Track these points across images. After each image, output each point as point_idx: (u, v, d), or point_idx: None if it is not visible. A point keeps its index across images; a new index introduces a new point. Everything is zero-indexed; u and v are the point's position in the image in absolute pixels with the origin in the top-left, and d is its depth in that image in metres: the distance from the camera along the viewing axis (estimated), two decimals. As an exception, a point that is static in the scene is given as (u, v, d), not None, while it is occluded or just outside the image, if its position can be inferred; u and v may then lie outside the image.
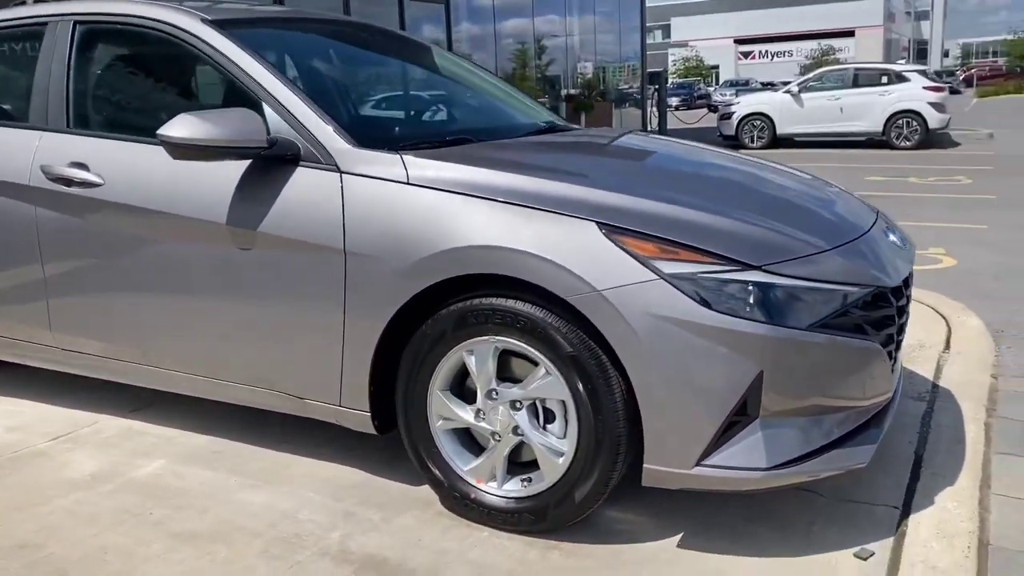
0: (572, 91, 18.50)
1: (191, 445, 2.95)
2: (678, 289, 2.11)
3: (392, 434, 2.58)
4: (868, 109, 16.48)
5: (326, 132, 2.54)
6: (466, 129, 3.03)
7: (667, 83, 26.32)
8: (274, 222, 2.53)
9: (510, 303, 2.27)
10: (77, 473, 2.75)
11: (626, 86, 21.30)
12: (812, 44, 56.97)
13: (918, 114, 16.16)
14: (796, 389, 2.18)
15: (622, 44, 19.75)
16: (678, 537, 2.38)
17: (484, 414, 2.39)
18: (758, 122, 17.37)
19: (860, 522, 2.45)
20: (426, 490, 2.62)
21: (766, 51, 62.24)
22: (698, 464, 2.16)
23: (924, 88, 16.40)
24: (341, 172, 2.49)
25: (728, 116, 17.80)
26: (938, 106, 16.25)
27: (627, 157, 3.12)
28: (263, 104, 2.62)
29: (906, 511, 2.50)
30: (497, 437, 2.39)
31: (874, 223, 2.63)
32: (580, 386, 2.22)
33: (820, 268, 2.23)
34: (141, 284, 2.80)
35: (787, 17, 60.43)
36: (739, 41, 62.34)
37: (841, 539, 2.36)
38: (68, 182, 2.87)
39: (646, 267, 2.14)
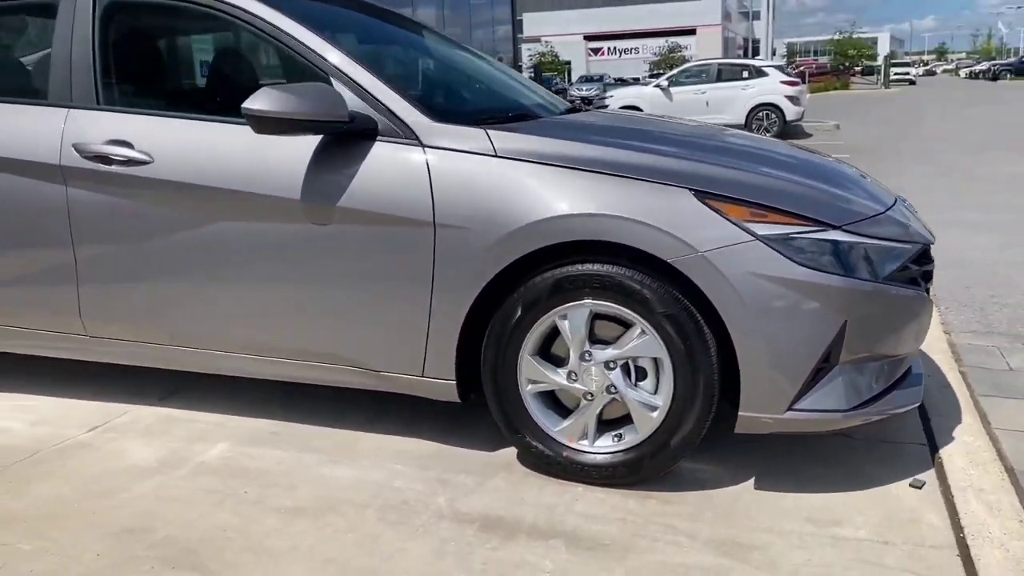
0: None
1: (246, 428, 2.91)
2: (772, 248, 2.31)
3: (462, 402, 2.65)
4: (731, 102, 17.44)
5: (405, 107, 2.58)
6: (518, 106, 3.12)
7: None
8: (354, 197, 2.55)
9: (607, 268, 2.40)
10: (139, 461, 2.67)
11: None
12: (658, 41, 59.22)
13: (776, 107, 17.25)
14: (871, 337, 2.42)
15: (495, 39, 19.98)
16: (751, 481, 2.58)
17: (576, 375, 2.51)
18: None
19: (899, 459, 2.73)
20: (502, 454, 2.72)
21: (615, 47, 64.22)
22: (789, 409, 2.37)
23: (781, 83, 17.52)
24: (424, 146, 2.54)
25: (602, 108, 18.36)
26: (794, 99, 17.42)
27: (662, 127, 3.27)
28: (331, 80, 2.63)
29: (933, 446, 2.80)
30: (589, 397, 2.52)
31: (896, 198, 2.93)
32: (677, 343, 2.37)
33: (885, 228, 2.49)
34: (196, 264, 2.74)
35: (634, 15, 62.56)
36: (588, 37, 64.02)
37: (891, 474, 2.63)
38: (107, 160, 2.76)
39: (741, 229, 2.32)
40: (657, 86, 18.18)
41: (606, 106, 18.14)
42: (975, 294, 4.67)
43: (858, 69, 69.53)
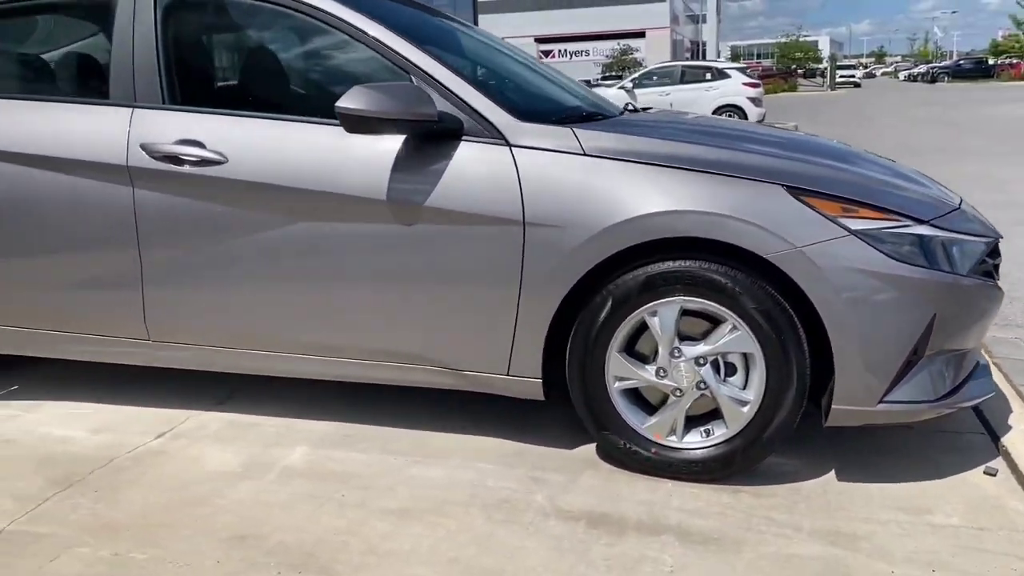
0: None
1: (316, 431, 2.87)
2: (866, 243, 2.36)
3: (544, 400, 2.66)
4: (695, 103, 17.65)
5: (491, 107, 2.58)
6: (586, 106, 3.13)
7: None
8: (441, 196, 2.54)
9: (699, 265, 2.43)
10: (221, 466, 2.61)
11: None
12: (609, 44, 59.68)
13: (739, 108, 17.56)
14: (956, 329, 2.49)
15: None
16: (832, 474, 2.63)
17: (665, 372, 2.53)
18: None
19: (965, 448, 2.81)
20: (581, 451, 2.74)
21: (565, 50, 64.53)
22: (881, 401, 2.42)
23: (743, 84, 17.87)
24: (511, 145, 2.54)
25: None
26: (755, 100, 17.77)
27: (752, 131, 3.29)
28: (413, 80, 2.61)
29: (993, 435, 2.88)
30: (678, 393, 2.54)
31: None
32: (771, 338, 2.41)
33: (963, 223, 2.56)
34: (271, 265, 2.70)
35: (584, 18, 62.96)
36: (540, 40, 64.24)
37: (962, 462, 2.70)
38: (178, 160, 2.70)
39: (836, 224, 2.36)
40: (622, 87, 18.34)
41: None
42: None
43: (800, 72, 70.91)
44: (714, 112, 17.32)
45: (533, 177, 2.51)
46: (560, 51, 64.73)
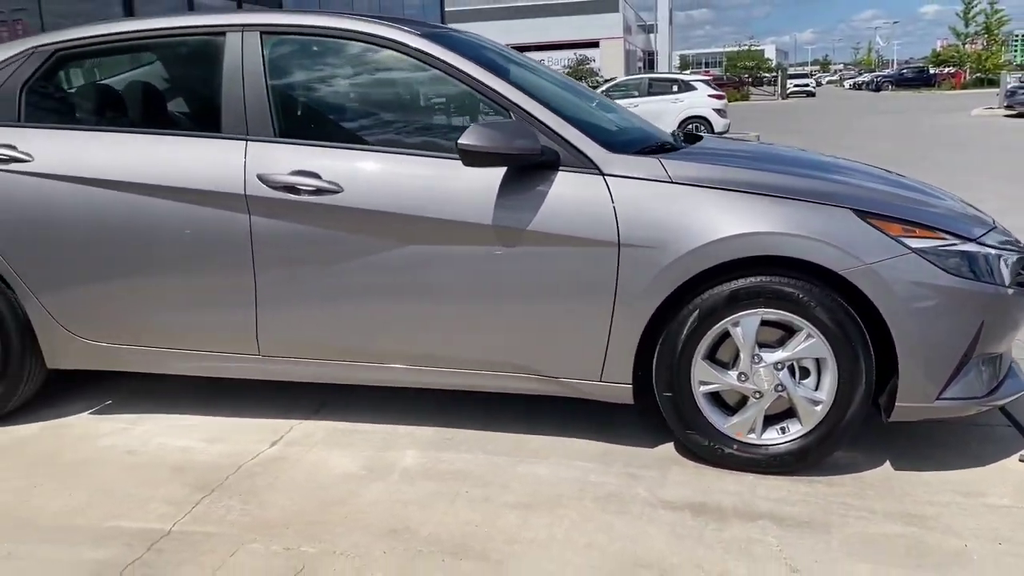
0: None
1: (419, 436, 3.11)
2: (925, 259, 2.69)
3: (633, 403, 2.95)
4: (663, 114, 18.11)
5: (584, 140, 2.87)
6: (658, 137, 3.43)
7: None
8: (542, 220, 2.81)
9: (778, 280, 2.74)
10: (346, 469, 2.85)
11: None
12: (565, 53, 60.29)
13: (705, 119, 18.07)
14: (999, 334, 2.83)
15: None
16: (887, 464, 2.95)
17: (746, 376, 2.84)
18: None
19: (997, 439, 3.15)
20: (661, 449, 3.03)
21: (521, 59, 64.97)
22: (938, 398, 2.76)
23: (709, 96, 18.40)
24: (604, 174, 2.83)
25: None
26: (721, 112, 18.30)
27: (810, 159, 3.59)
28: (512, 116, 2.89)
29: (1019, 428, 3.24)
30: (758, 395, 2.84)
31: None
32: (842, 345, 2.73)
33: (1002, 239, 2.91)
34: (381, 285, 2.94)
35: (540, 28, 63.60)
36: (495, 49, 64.59)
37: (998, 451, 3.04)
38: (295, 190, 2.94)
39: (898, 243, 2.70)
40: (592, 99, 18.72)
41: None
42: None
43: (749, 80, 72.30)
44: (680, 123, 17.82)
45: (626, 203, 2.79)
46: (516, 61, 65.38)
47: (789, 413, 2.87)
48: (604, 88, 19.75)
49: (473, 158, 2.72)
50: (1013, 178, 10.88)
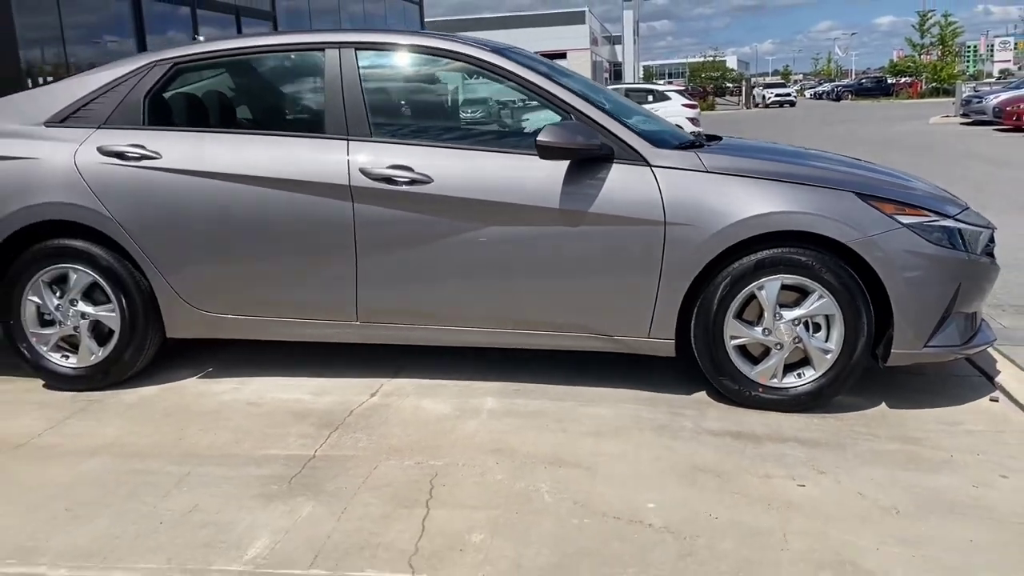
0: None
1: (492, 387, 3.69)
2: (914, 233, 3.33)
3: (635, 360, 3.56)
4: (639, 123, 18.87)
5: (634, 137, 3.48)
6: (685, 135, 4.05)
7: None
8: (601, 204, 3.41)
9: (796, 251, 3.36)
10: (440, 412, 3.42)
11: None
12: (532, 64, 61.05)
13: (679, 127, 18.80)
14: (972, 294, 3.48)
15: None
16: (883, 405, 3.58)
17: (770, 331, 3.45)
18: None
19: (970, 385, 3.80)
20: (697, 396, 3.63)
21: (490, 70, 65.70)
22: (925, 346, 3.40)
23: (682, 105, 19.16)
24: (651, 166, 3.44)
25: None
26: (694, 120, 19.03)
27: (800, 151, 4.24)
28: (570, 115, 3.49)
29: (988, 377, 3.89)
30: (779, 347, 3.46)
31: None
32: (848, 303, 3.36)
33: (974, 217, 3.57)
34: (465, 259, 3.52)
35: (510, 39, 64.00)
36: (464, 60, 65.28)
37: (972, 394, 3.69)
38: (392, 181, 3.51)
39: (892, 220, 3.33)
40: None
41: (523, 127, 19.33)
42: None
43: (712, 90, 73.64)
44: (657, 131, 18.57)
45: (671, 188, 3.40)
46: (485, 71, 66.26)
47: (803, 362, 3.49)
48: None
49: (549, 152, 3.31)
50: (974, 181, 11.75)
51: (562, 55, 65.50)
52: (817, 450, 3.08)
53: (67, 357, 3.86)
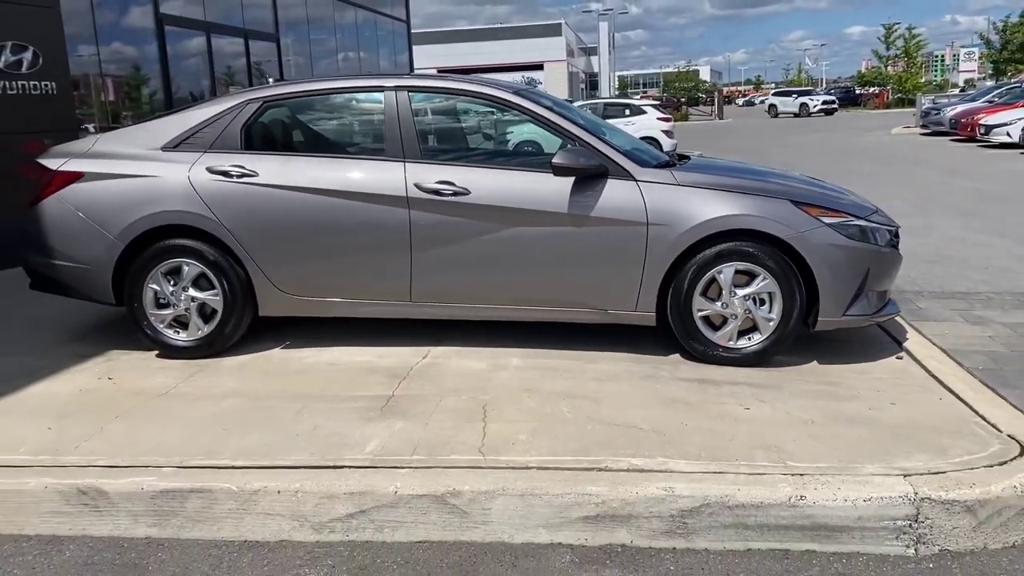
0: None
1: (515, 352, 4.77)
2: (833, 230, 4.47)
3: (626, 330, 4.67)
4: (617, 136, 20.07)
5: (624, 159, 4.60)
6: (661, 156, 5.18)
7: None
8: (599, 209, 4.52)
9: (747, 244, 4.49)
10: (477, 368, 4.50)
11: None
12: (512, 75, 62.29)
13: (654, 139, 20.01)
14: (880, 277, 4.63)
15: (397, 66, 22.05)
16: (815, 361, 4.70)
17: (727, 305, 4.58)
18: (529, 148, 20.38)
19: (883, 349, 4.94)
20: (672, 357, 4.73)
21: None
22: (843, 315, 4.54)
23: (657, 119, 20.42)
24: (637, 181, 4.56)
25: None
26: (668, 133, 20.31)
27: (750, 169, 5.40)
28: (575, 143, 4.61)
29: (897, 342, 5.05)
30: (735, 317, 4.59)
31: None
32: (784, 283, 4.49)
33: (880, 217, 4.73)
34: (496, 253, 4.61)
35: (487, 51, 65.53)
36: (443, 71, 66.34)
37: (882, 353, 4.83)
38: (439, 193, 4.60)
39: (817, 220, 4.47)
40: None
41: (507, 141, 20.54)
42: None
43: (685, 101, 75.24)
44: (634, 143, 19.77)
45: (651, 198, 4.52)
46: (464, 83, 67.58)
47: (753, 328, 4.62)
48: (563, 111, 21.61)
49: (561, 171, 4.43)
50: (923, 188, 13.03)
51: (539, 67, 66.89)
52: (760, 389, 4.20)
53: (178, 332, 4.90)
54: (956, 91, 57.22)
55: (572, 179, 4.55)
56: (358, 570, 2.91)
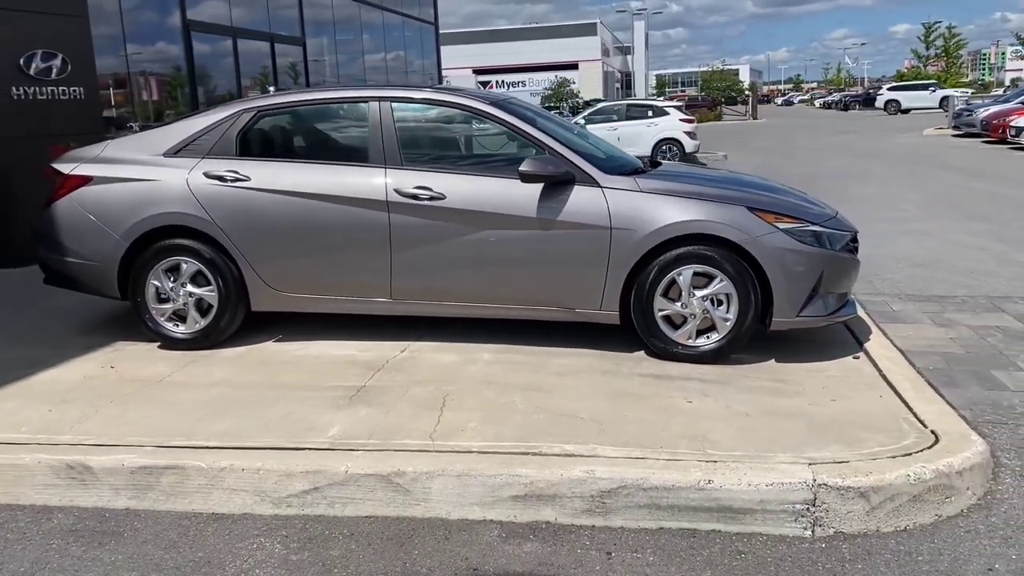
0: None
1: (488, 347, 5.08)
2: (787, 235, 4.71)
3: (599, 329, 4.94)
4: (639, 137, 20.30)
5: (591, 167, 4.88)
6: (632, 162, 5.46)
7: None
8: (566, 214, 4.80)
9: (704, 248, 4.74)
10: (448, 361, 4.82)
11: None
12: (545, 75, 62.54)
13: (677, 141, 20.21)
14: (834, 279, 4.85)
15: (424, 68, 22.44)
16: (773, 360, 4.94)
17: (686, 305, 4.83)
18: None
19: (843, 349, 5.16)
20: (637, 353, 5.00)
21: (503, 81, 67.19)
22: (797, 316, 4.78)
23: (680, 120, 20.55)
24: (602, 188, 4.84)
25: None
26: (691, 134, 20.44)
27: (714, 176, 5.67)
28: (544, 152, 4.90)
29: (859, 342, 5.26)
30: (693, 316, 4.84)
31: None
32: (740, 285, 4.73)
33: (836, 223, 4.96)
34: (469, 254, 4.92)
35: (520, 50, 65.87)
36: (478, 71, 66.83)
37: (842, 352, 5.04)
38: (417, 197, 4.92)
39: (772, 226, 4.71)
40: (576, 123, 20.85)
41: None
42: (864, 275, 7.32)
43: (723, 100, 74.84)
44: (656, 145, 19.98)
45: (614, 203, 4.79)
46: (498, 82, 67.76)
47: (711, 328, 4.87)
48: (587, 112, 21.88)
49: (528, 178, 4.72)
50: (933, 189, 13.08)
51: (573, 66, 67.08)
52: (709, 385, 4.46)
53: (177, 325, 5.28)
54: (999, 91, 56.32)
55: (541, 185, 4.83)
56: (308, 540, 3.24)
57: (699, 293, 4.80)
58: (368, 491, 3.37)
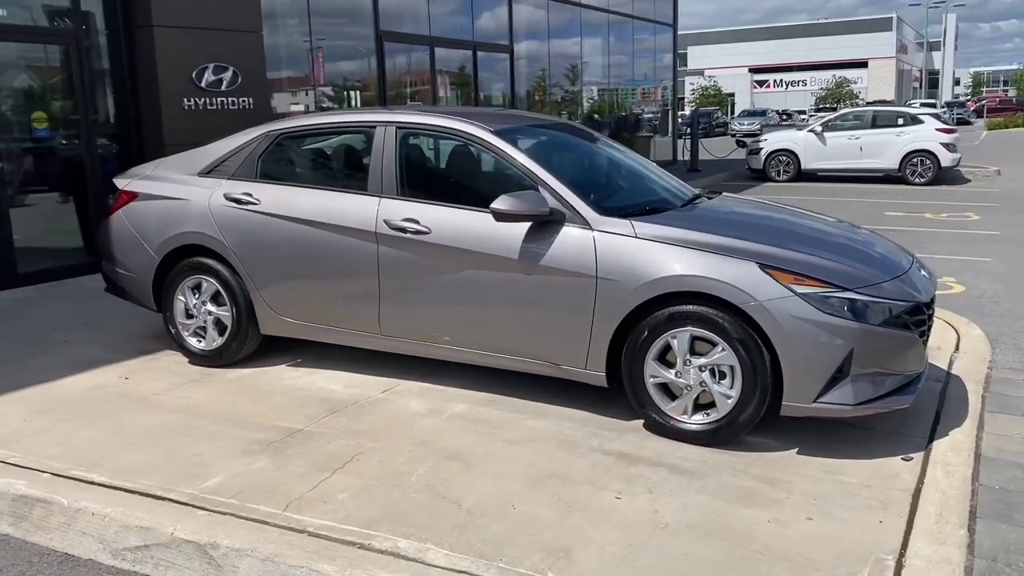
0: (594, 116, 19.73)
1: (474, 397, 4.65)
2: (805, 301, 3.80)
3: (604, 388, 4.27)
4: (885, 148, 18.23)
5: (583, 206, 4.26)
6: (654, 199, 4.76)
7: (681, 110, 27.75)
8: (550, 258, 4.24)
9: (702, 308, 3.96)
10: (416, 410, 4.46)
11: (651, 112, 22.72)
12: (826, 74, 58.60)
13: (931, 153, 17.88)
14: (870, 360, 3.86)
15: (656, 68, 21.74)
16: (795, 449, 4.04)
17: (681, 374, 4.08)
18: (784, 158, 19.16)
19: (903, 444, 4.10)
20: (633, 423, 4.30)
21: (780, 80, 63.99)
22: (815, 401, 3.85)
23: (936, 130, 18.15)
24: (593, 230, 4.20)
25: (756, 152, 19.59)
26: (949, 146, 17.97)
27: (752, 218, 4.82)
28: (537, 186, 4.35)
29: (930, 439, 4.16)
30: (688, 388, 4.08)
31: (912, 263, 4.34)
32: (745, 357, 3.90)
33: (883, 290, 3.93)
34: (453, 293, 4.50)
35: (801, 48, 62.21)
36: (754, 70, 64.11)
37: (893, 451, 4.01)
38: (403, 230, 4.59)
39: (787, 288, 3.83)
40: (811, 131, 19.17)
41: (760, 149, 19.42)
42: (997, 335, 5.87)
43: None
44: (905, 157, 17.80)
45: (604, 250, 4.15)
46: (775, 81, 64.52)
47: (712, 404, 4.08)
48: (827, 119, 20.05)
49: (500, 217, 4.23)
50: None
51: (863, 64, 62.22)
52: (673, 476, 3.72)
53: (200, 340, 5.38)
54: None
55: (528, 224, 4.32)
56: (121, 602, 3.08)
57: (697, 361, 4.04)
58: (187, 558, 3.14)
